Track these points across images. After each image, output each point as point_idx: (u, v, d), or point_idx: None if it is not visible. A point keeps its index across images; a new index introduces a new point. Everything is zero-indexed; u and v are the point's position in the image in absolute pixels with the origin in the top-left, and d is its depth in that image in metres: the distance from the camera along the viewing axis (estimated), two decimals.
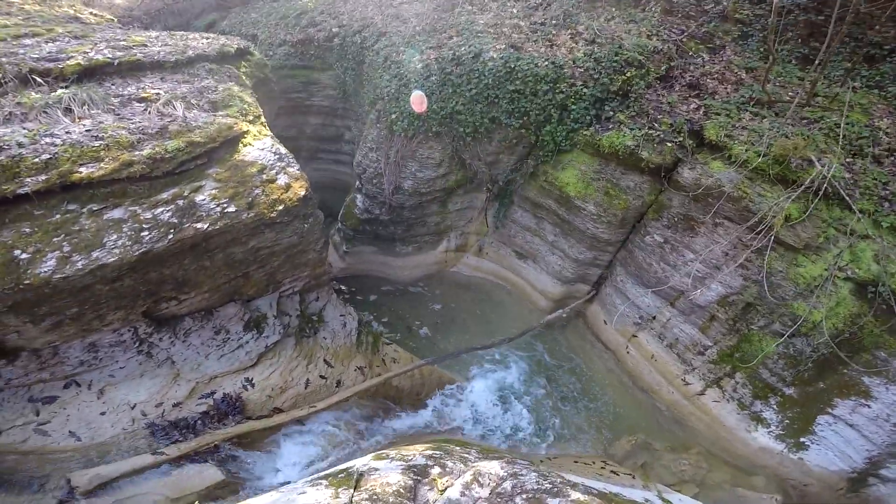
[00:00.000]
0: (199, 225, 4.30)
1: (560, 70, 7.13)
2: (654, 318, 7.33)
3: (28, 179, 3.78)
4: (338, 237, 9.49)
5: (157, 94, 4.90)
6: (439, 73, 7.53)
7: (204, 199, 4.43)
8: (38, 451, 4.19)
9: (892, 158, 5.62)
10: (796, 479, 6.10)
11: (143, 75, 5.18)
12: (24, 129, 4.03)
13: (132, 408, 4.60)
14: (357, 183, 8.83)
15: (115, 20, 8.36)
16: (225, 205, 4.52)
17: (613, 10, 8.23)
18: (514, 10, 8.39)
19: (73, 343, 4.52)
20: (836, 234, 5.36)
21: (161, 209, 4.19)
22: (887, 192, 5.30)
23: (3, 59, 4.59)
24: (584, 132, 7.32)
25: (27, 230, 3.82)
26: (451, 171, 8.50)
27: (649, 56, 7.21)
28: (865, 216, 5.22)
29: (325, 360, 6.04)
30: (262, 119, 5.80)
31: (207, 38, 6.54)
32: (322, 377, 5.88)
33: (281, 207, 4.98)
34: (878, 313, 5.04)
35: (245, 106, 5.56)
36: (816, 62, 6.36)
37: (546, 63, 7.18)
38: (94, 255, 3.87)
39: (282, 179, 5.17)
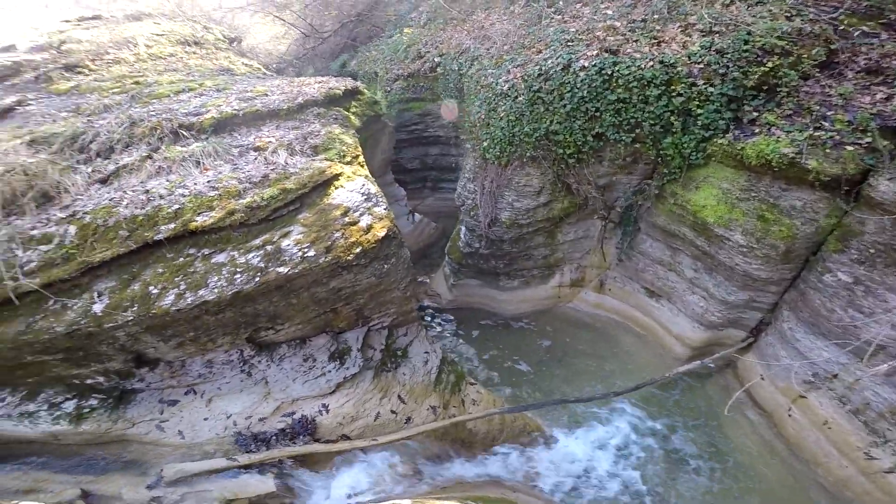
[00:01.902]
0: (280, 269, 5.04)
1: (672, 69, 6.37)
2: (834, 376, 6.19)
3: (162, 227, 4.92)
4: (447, 269, 9.97)
5: (269, 142, 5.83)
6: (527, 92, 7.34)
7: (289, 245, 5.16)
8: (153, 442, 5.49)
9: None
10: None
11: (262, 124, 6.22)
12: (168, 180, 5.23)
13: (228, 417, 5.68)
14: (461, 215, 9.14)
15: (262, 68, 10.10)
16: (306, 249, 5.19)
17: None
18: (609, 12, 7.73)
19: (195, 359, 5.75)
20: None
21: (253, 254, 5.03)
22: None
23: (164, 116, 5.96)
24: (720, 140, 6.43)
25: (160, 270, 4.99)
26: (554, 199, 8.21)
27: (794, 40, 5.93)
28: None
29: (399, 396, 6.48)
30: (361, 158, 6.44)
31: (319, 83, 7.51)
32: (393, 412, 6.33)
33: (358, 250, 5.47)
34: None
35: (343, 147, 6.23)
36: None
37: (652, 63, 6.47)
38: (200, 293, 4.86)
39: (364, 221, 5.67)
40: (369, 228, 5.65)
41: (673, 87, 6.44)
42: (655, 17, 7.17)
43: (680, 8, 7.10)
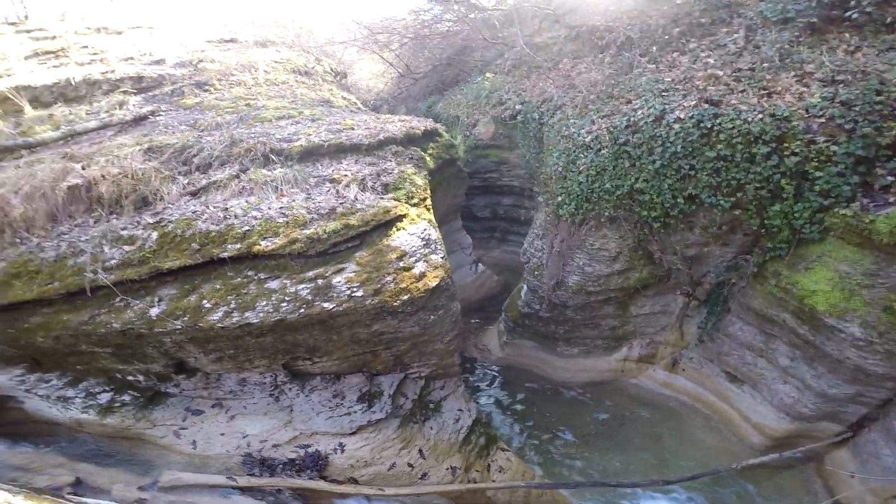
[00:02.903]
0: (325, 304, 5.07)
1: (785, 123, 5.53)
2: None
3: (229, 245, 5.18)
4: (502, 325, 9.60)
5: (345, 175, 6.01)
6: (611, 145, 6.77)
7: (339, 281, 5.19)
8: (166, 446, 5.68)
9: None
10: None
11: (343, 157, 6.47)
12: (247, 201, 5.55)
13: (244, 437, 5.73)
14: (524, 272, 8.78)
15: (358, 104, 10.71)
16: (355, 289, 5.18)
17: (855, 38, 6.04)
18: (711, 60, 6.97)
19: (231, 375, 5.93)
20: None
21: (304, 286, 5.12)
22: None
23: (260, 139, 6.39)
24: (842, 211, 5.40)
25: (218, 286, 5.24)
26: (631, 268, 7.51)
27: None
28: None
29: (420, 450, 6.17)
30: (428, 201, 6.44)
31: (402, 121, 7.73)
32: (409, 465, 6.02)
33: (406, 297, 5.37)
34: None
35: (413, 188, 6.27)
36: None
37: (761, 116, 5.64)
38: (246, 314, 5.01)
39: (419, 268, 5.58)
40: (422, 276, 5.55)
41: (786, 145, 5.55)
42: (765, 65, 6.35)
43: (794, 55, 6.28)
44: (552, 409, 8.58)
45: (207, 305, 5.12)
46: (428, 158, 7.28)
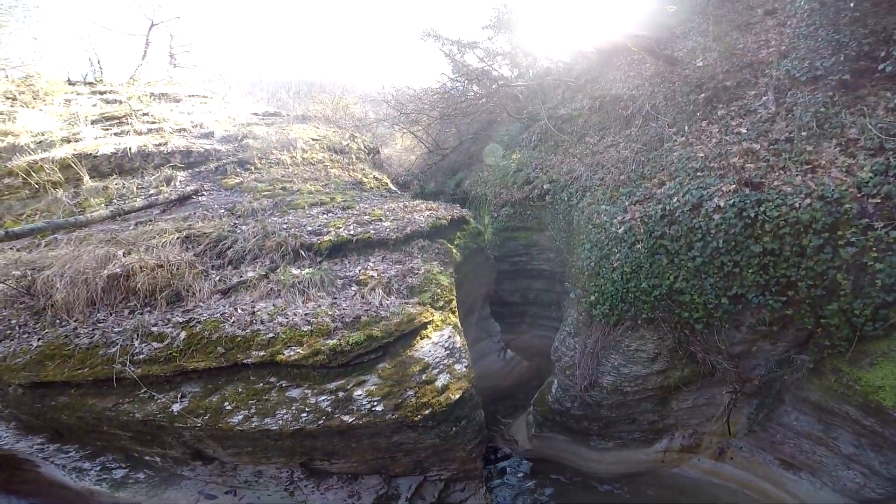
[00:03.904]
0: (345, 417, 4.87)
1: (837, 207, 4.94)
2: None
3: (254, 352, 5.09)
4: (531, 417, 9.08)
5: (371, 276, 5.93)
6: (647, 238, 6.25)
7: (360, 395, 4.99)
8: None
9: None
10: None
11: (371, 253, 6.44)
12: (273, 305, 5.50)
13: None
14: (555, 370, 8.30)
15: (389, 183, 10.88)
16: (375, 403, 4.98)
17: (893, 94, 5.44)
18: (743, 130, 6.46)
19: (248, 466, 5.71)
20: None
21: (324, 397, 4.94)
22: None
23: (292, 232, 6.43)
24: None
25: (240, 389, 5.14)
26: (671, 367, 6.92)
27: None
28: None
29: None
30: (453, 304, 6.30)
31: (429, 210, 7.74)
32: None
33: (427, 412, 5.12)
34: None
35: (438, 291, 6.14)
36: None
37: (809, 201, 5.04)
38: (266, 420, 4.86)
39: (441, 380, 5.36)
40: (444, 389, 5.32)
41: (840, 233, 4.91)
42: (803, 133, 5.73)
43: (833, 119, 5.65)
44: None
45: (228, 407, 5.02)
46: (455, 251, 7.18)
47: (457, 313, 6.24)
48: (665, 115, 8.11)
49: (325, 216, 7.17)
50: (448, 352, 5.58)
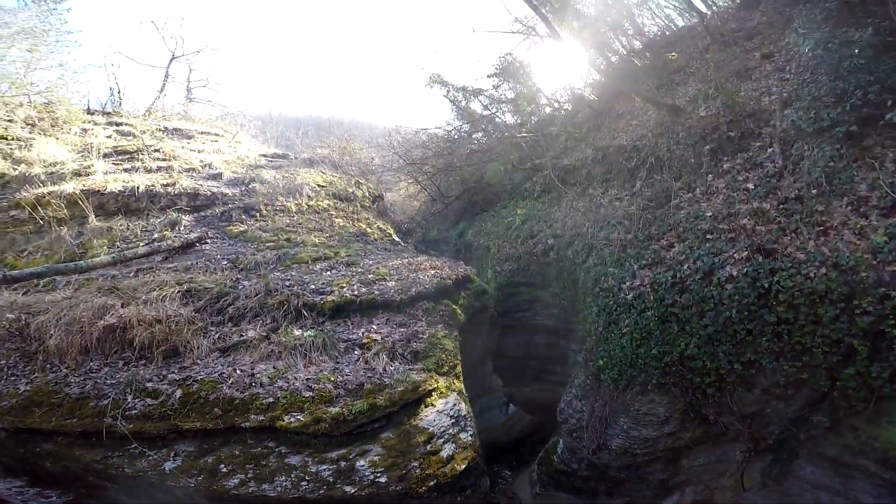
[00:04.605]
0: (347, 488, 4.66)
1: (853, 275, 4.80)
2: None
3: (252, 416, 4.89)
4: (535, 475, 8.73)
5: (375, 339, 5.78)
6: (657, 306, 6.10)
7: (363, 465, 4.79)
8: None
9: None
10: None
11: (374, 314, 6.34)
12: (274, 367, 5.33)
13: None
14: (561, 431, 8.03)
15: (393, 234, 10.88)
16: (379, 475, 4.77)
17: None
18: (750, 186, 6.34)
19: None
20: None
21: (325, 466, 4.74)
22: None
23: (294, 290, 6.31)
24: None
25: (237, 452, 4.90)
26: (682, 429, 6.67)
27: None
28: None
29: None
30: (458, 369, 6.17)
31: (434, 269, 7.70)
32: None
33: (432, 483, 4.92)
34: None
35: (443, 356, 6.01)
36: None
37: (824, 270, 4.93)
38: (263, 486, 4.64)
39: (446, 450, 5.17)
40: (450, 460, 5.11)
41: (856, 302, 4.78)
42: (813, 191, 5.55)
43: (842, 174, 5.51)
44: None
45: (224, 470, 4.77)
46: (459, 312, 7.08)
47: (461, 378, 6.08)
48: (670, 168, 8.05)
49: (328, 273, 7.09)
50: (453, 420, 5.40)
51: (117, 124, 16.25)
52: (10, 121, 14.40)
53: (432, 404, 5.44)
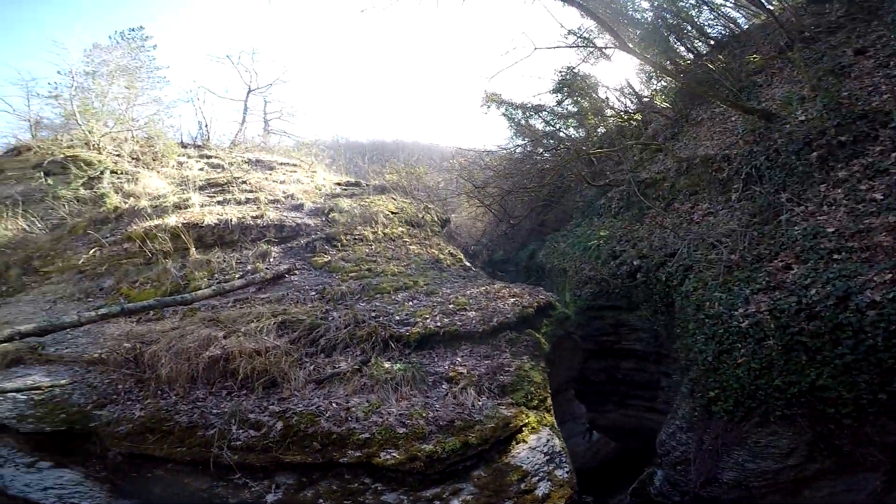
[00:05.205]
0: None
1: None
2: None
3: (349, 451, 4.94)
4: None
5: (461, 373, 5.69)
6: (779, 334, 5.48)
7: None
8: None
9: None
10: None
11: (457, 346, 6.26)
12: (367, 401, 5.37)
13: None
14: (658, 459, 7.44)
15: (463, 259, 10.84)
16: None
17: None
18: (878, 196, 5.53)
19: None
20: None
21: None
22: None
23: (380, 321, 6.39)
24: None
25: (335, 487, 4.96)
26: (809, 461, 5.87)
27: None
28: None
29: None
30: (548, 402, 5.94)
31: (514, 297, 7.48)
32: None
33: None
34: None
35: (532, 389, 5.79)
36: None
37: None
38: None
39: (542, 488, 4.91)
40: (545, 499, 4.84)
41: None
42: None
43: None
44: None
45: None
46: (543, 341, 6.83)
47: (552, 412, 5.81)
48: (770, 178, 7.32)
49: (410, 303, 7.14)
50: (547, 457, 5.15)
51: (207, 157, 17.74)
52: (118, 155, 16.19)
53: (524, 440, 5.23)
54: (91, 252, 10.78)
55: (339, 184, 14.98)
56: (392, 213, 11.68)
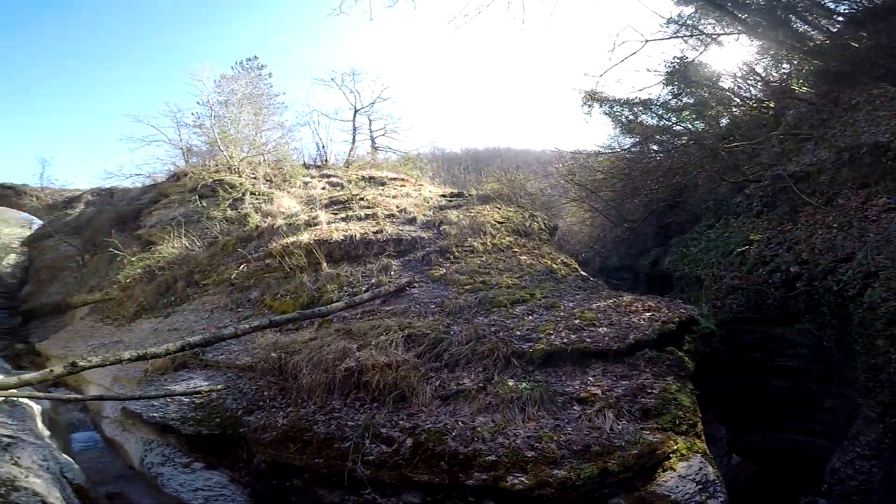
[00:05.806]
0: None
1: None
2: None
3: (475, 474, 4.81)
4: None
5: (595, 394, 5.26)
6: None
7: None
8: None
9: None
10: None
11: (588, 364, 5.80)
12: (493, 421, 5.21)
13: None
14: (825, 487, 6.34)
15: (578, 267, 10.16)
16: None
17: None
18: None
19: None
20: None
21: None
22: None
23: (500, 336, 6.21)
24: None
25: None
26: None
27: None
28: None
29: None
30: (698, 427, 5.22)
31: (650, 311, 6.71)
32: None
33: None
34: None
35: (679, 413, 5.15)
36: None
37: None
38: None
39: None
40: None
41: None
42: None
43: None
44: None
45: None
46: (687, 360, 6.03)
47: (703, 438, 5.10)
48: None
49: (530, 317, 6.85)
50: (700, 486, 4.50)
51: (327, 176, 19.36)
52: (254, 178, 18.47)
53: (671, 468, 4.62)
54: (240, 267, 12.38)
55: (443, 195, 15.28)
56: (498, 222, 11.50)
